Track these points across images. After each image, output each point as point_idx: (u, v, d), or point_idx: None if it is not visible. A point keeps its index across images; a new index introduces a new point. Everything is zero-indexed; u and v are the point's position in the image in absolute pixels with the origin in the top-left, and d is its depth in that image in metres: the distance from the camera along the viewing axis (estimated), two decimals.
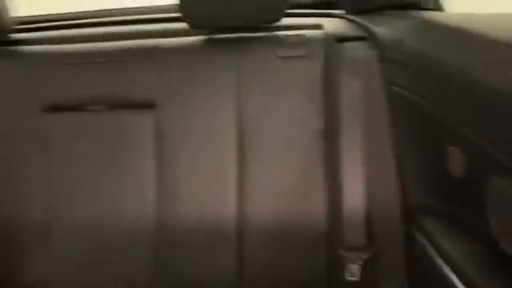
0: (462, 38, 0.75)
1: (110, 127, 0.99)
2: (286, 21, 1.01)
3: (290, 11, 1.07)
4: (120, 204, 0.98)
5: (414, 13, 1.02)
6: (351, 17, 1.08)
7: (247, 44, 1.00)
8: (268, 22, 1.00)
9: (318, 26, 1.03)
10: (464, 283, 0.68)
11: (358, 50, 0.99)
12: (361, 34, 1.01)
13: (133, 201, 0.98)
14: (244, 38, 1.01)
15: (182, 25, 1.00)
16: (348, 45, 1.00)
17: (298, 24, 1.05)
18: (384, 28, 0.98)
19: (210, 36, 1.02)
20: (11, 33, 1.07)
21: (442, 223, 0.80)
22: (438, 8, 1.10)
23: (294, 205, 0.95)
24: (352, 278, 0.91)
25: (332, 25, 1.06)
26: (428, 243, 0.79)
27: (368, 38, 0.99)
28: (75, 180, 0.99)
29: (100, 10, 1.32)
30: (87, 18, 1.19)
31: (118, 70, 1.00)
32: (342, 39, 1.00)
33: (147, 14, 1.23)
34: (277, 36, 1.01)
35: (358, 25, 1.04)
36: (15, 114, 1.01)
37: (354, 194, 0.93)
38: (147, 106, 0.98)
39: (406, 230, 0.90)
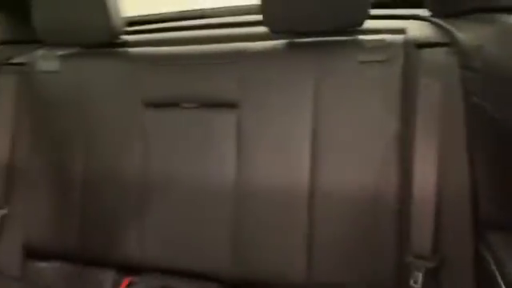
0: None
1: (198, 123, 1.09)
2: (368, 23, 1.01)
3: (374, 13, 1.07)
4: (203, 187, 1.07)
5: (504, 17, 0.96)
6: (436, 20, 1.05)
7: (327, 48, 1.02)
8: (349, 27, 1.01)
9: (400, 31, 1.02)
10: None
11: (438, 56, 0.97)
12: (444, 39, 0.98)
13: (214, 194, 1.07)
14: (324, 42, 1.03)
15: (264, 28, 1.05)
16: (429, 50, 0.98)
17: (381, 28, 1.04)
18: (467, 33, 0.94)
19: (290, 40, 1.06)
20: (121, 35, 1.21)
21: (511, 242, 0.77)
22: None
23: (365, 207, 0.96)
24: (415, 285, 0.91)
25: (415, 28, 1.04)
26: (493, 261, 0.77)
27: (450, 43, 0.96)
28: (167, 164, 1.10)
29: (191, 10, 1.44)
30: (182, 19, 1.29)
31: (207, 71, 1.09)
32: (423, 45, 0.99)
33: (232, 14, 1.31)
34: (357, 40, 1.02)
35: (442, 29, 1.01)
36: (121, 108, 1.15)
37: (425, 202, 0.92)
38: (231, 105, 1.06)
39: (473, 244, 0.88)
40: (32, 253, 1.20)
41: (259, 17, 1.03)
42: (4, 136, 1.24)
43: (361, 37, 1.02)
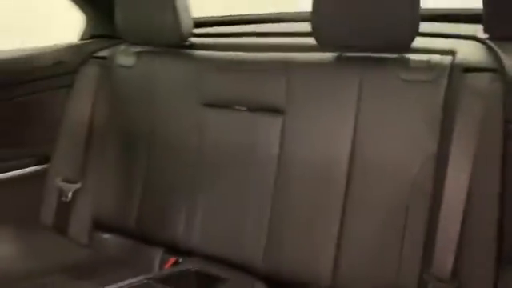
0: None
1: (247, 124, 1.18)
2: (418, 41, 1.03)
3: (428, 29, 1.08)
4: (247, 180, 1.16)
5: None
6: (489, 42, 1.03)
7: (373, 64, 1.05)
8: (396, 45, 1.03)
9: (449, 52, 1.02)
10: None
11: (483, 81, 0.96)
12: (492, 64, 0.97)
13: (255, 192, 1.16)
14: (370, 58, 1.06)
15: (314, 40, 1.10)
16: (474, 74, 0.98)
17: (430, 48, 1.05)
18: None
19: (338, 53, 1.10)
20: (189, 37, 1.32)
21: None
22: None
23: (395, 218, 0.99)
24: None
25: (466, 50, 1.03)
26: None
27: (497, 69, 0.95)
28: (217, 157, 1.21)
29: (251, 14, 1.55)
30: (243, 22, 1.39)
31: (258, 78, 1.17)
32: (469, 69, 0.98)
33: (291, 19, 1.38)
34: (403, 58, 1.03)
35: (493, 53, 0.99)
36: (182, 104, 1.27)
37: (451, 225, 0.94)
38: (278, 111, 1.14)
39: (493, 277, 0.88)
40: (99, 224, 1.37)
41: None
42: (83, 119, 1.42)
43: (407, 55, 1.03)
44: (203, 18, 1.50)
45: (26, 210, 1.40)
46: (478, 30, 1.09)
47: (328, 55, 1.11)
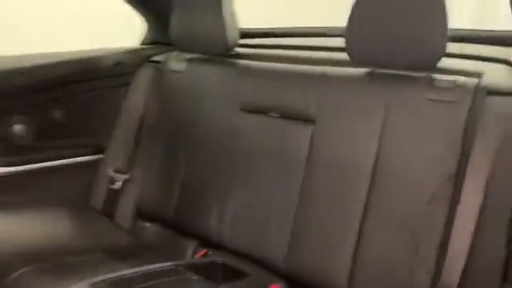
0: None
1: (280, 130, 1.26)
2: (449, 62, 1.07)
3: (459, 50, 1.11)
4: (276, 180, 1.24)
5: None
6: None
7: (401, 81, 1.10)
8: (423, 65, 1.08)
9: (476, 74, 1.05)
10: None
11: (506, 104, 0.99)
12: None
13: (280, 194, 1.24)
14: (399, 76, 1.11)
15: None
16: (498, 98, 1.00)
17: (457, 69, 1.08)
18: None
19: (369, 69, 1.16)
20: (234, 47, 1.42)
21: None
22: None
23: (408, 234, 1.03)
24: None
25: (494, 73, 1.06)
26: None
27: None
28: (251, 157, 1.30)
29: (293, 28, 1.65)
30: (285, 35, 1.48)
31: (293, 88, 1.26)
32: (493, 92, 1.01)
33: (329, 34, 1.46)
34: (430, 78, 1.07)
35: None
36: (223, 108, 1.38)
37: (461, 243, 0.97)
38: (309, 120, 1.21)
39: None
40: (141, 213, 1.50)
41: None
42: (136, 116, 1.56)
43: (434, 75, 1.07)
44: (249, 29, 1.60)
45: (79, 195, 1.55)
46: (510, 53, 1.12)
47: (359, 71, 1.17)
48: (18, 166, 1.47)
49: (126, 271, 1.12)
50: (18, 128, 1.49)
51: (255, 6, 2.08)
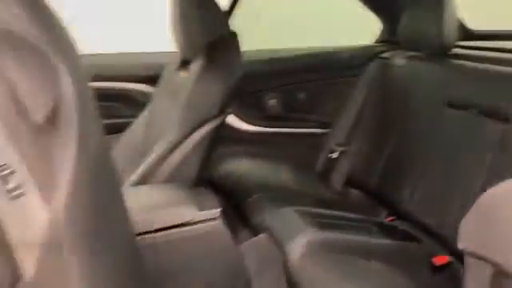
0: None
1: (474, 125, 1.41)
2: None
3: None
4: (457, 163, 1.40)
5: None
6: None
7: None
8: None
9: None
10: None
11: None
12: None
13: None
14: None
15: None
16: None
17: None
18: None
19: None
20: (451, 48, 1.60)
21: None
22: None
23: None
24: None
25: None
26: None
27: None
28: (443, 148, 1.47)
29: None
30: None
31: (499, 88, 1.38)
32: None
33: None
34: None
35: None
36: (430, 103, 1.58)
37: None
38: (506, 119, 1.32)
39: None
40: (350, 180, 1.83)
41: None
42: (358, 102, 1.88)
43: None
44: (476, 30, 1.73)
45: (305, 157, 1.98)
46: None
47: None
48: (269, 128, 2.01)
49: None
50: (271, 102, 2.00)
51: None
